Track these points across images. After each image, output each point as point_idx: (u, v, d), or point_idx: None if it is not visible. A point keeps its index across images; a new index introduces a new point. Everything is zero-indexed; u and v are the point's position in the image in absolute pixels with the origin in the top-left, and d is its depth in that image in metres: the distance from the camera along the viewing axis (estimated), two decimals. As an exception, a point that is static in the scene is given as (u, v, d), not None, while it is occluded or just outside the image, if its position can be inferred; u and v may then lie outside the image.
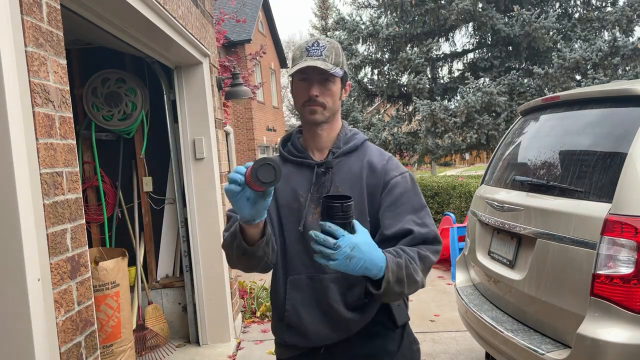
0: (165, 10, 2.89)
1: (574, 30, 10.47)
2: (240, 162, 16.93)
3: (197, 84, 3.94)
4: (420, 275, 1.37)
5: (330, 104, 1.48)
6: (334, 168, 1.50)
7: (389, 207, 1.45)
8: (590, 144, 2.36)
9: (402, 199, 1.45)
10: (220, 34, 6.97)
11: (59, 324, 1.57)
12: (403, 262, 1.32)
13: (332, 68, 1.44)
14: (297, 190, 1.49)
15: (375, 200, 1.47)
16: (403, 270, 1.31)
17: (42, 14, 1.62)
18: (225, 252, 1.47)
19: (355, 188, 1.46)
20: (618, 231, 1.95)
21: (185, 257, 4.07)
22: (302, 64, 1.43)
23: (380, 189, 1.47)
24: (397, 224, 1.42)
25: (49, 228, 1.56)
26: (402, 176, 1.49)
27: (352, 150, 1.53)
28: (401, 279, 1.30)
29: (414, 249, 1.39)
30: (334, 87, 1.48)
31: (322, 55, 1.45)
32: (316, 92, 1.45)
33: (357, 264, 1.22)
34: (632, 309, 1.90)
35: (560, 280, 2.21)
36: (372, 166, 1.49)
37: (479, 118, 9.83)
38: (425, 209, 1.48)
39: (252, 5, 18.34)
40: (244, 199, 1.25)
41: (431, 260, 1.42)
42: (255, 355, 3.96)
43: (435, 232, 1.45)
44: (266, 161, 1.19)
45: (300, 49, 1.48)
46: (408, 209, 1.44)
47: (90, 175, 4.14)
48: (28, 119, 1.50)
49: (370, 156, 1.52)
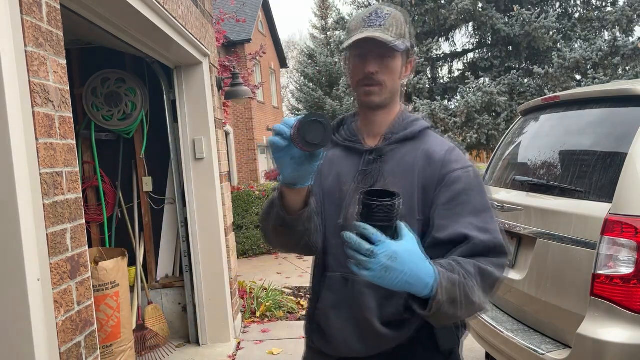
0: (165, 10, 2.89)
1: (574, 30, 10.47)
2: (240, 162, 16.93)
3: (197, 84, 3.94)
4: (478, 296, 1.12)
5: (389, 83, 1.28)
6: (385, 156, 1.30)
7: (444, 205, 1.22)
8: (591, 144, 2.36)
9: (461, 196, 1.22)
10: (220, 33, 6.97)
11: (58, 324, 1.57)
12: (457, 279, 1.08)
13: (393, 40, 1.22)
14: (342, 177, 1.32)
15: (428, 197, 1.24)
16: (457, 288, 1.08)
17: (42, 14, 1.61)
18: (262, 225, 1.32)
19: (407, 180, 1.26)
20: (618, 231, 1.94)
21: (185, 257, 4.07)
22: (359, 36, 1.23)
23: (435, 183, 1.24)
24: (453, 227, 1.19)
25: (48, 228, 1.56)
26: (465, 170, 1.25)
27: (408, 138, 1.32)
28: (454, 299, 1.07)
29: (472, 262, 1.14)
30: (395, 63, 1.27)
31: (382, 26, 1.24)
32: (373, 69, 1.25)
33: (396, 278, 1.00)
34: (632, 309, 1.90)
35: (561, 280, 2.21)
36: (429, 156, 1.27)
37: (479, 118, 9.83)
38: (490, 211, 1.23)
39: (252, 5, 18.33)
40: (288, 157, 1.09)
41: (494, 277, 1.17)
42: (255, 355, 3.96)
43: (500, 240, 1.20)
44: (317, 118, 1.01)
45: (357, 19, 1.28)
46: (468, 210, 1.20)
47: (90, 175, 4.14)
48: (28, 119, 1.50)
49: (429, 145, 1.30)
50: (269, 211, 1.24)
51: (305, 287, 5.99)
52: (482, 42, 11.60)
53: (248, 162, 17.15)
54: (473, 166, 1.28)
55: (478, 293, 1.12)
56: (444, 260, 1.13)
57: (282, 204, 1.19)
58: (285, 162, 1.10)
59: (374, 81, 1.26)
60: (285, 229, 1.22)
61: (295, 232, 1.22)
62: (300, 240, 1.25)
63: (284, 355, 3.92)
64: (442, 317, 1.08)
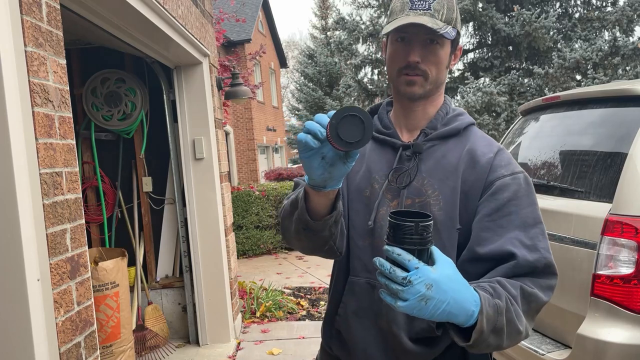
0: (164, 10, 2.89)
1: (574, 30, 10.48)
2: (240, 162, 16.93)
3: (196, 84, 3.94)
4: (524, 322, 1.01)
5: (434, 74, 1.14)
6: (423, 153, 1.16)
7: (488, 216, 1.08)
8: (591, 144, 2.36)
9: (508, 207, 1.08)
10: (220, 33, 6.97)
11: (58, 324, 1.57)
12: (503, 306, 0.96)
13: (443, 27, 1.09)
14: (373, 173, 1.19)
15: (471, 204, 1.11)
16: (503, 316, 0.96)
17: (42, 14, 1.61)
18: (282, 225, 1.18)
19: (448, 183, 1.12)
20: (618, 231, 1.94)
21: (185, 257, 4.06)
22: (403, 20, 1.09)
23: (480, 189, 1.11)
24: (496, 241, 1.06)
25: (48, 228, 1.55)
26: (514, 177, 1.11)
27: (451, 134, 1.18)
28: (500, 328, 0.95)
29: (517, 284, 1.02)
30: (442, 52, 1.13)
31: (430, 9, 1.10)
32: (417, 57, 1.11)
33: (437, 308, 0.88)
34: (633, 309, 1.90)
35: (561, 280, 2.20)
36: (474, 157, 1.14)
37: (479, 118, 9.83)
38: (540, 226, 1.09)
39: (251, 5, 18.34)
40: (318, 157, 0.95)
41: (541, 300, 1.04)
42: (255, 355, 3.96)
43: (549, 259, 1.07)
44: (355, 112, 0.88)
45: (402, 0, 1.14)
46: (515, 223, 1.07)
47: (90, 175, 4.14)
48: (28, 118, 1.50)
49: (474, 144, 1.16)
50: (292, 211, 1.11)
51: (305, 287, 5.99)
52: (482, 42, 11.60)
53: (248, 162, 17.15)
54: (524, 172, 1.14)
55: (523, 319, 1.01)
56: (487, 282, 1.02)
57: (306, 206, 1.06)
58: (315, 163, 0.96)
59: (417, 70, 1.13)
60: (309, 233, 1.08)
61: (319, 236, 1.09)
62: (324, 245, 1.11)
63: (284, 355, 3.92)
64: (483, 347, 0.96)
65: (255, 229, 8.06)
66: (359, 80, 12.11)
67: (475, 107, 9.64)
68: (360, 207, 1.18)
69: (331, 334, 1.24)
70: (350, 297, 1.19)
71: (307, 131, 0.94)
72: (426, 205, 1.11)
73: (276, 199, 8.12)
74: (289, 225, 1.13)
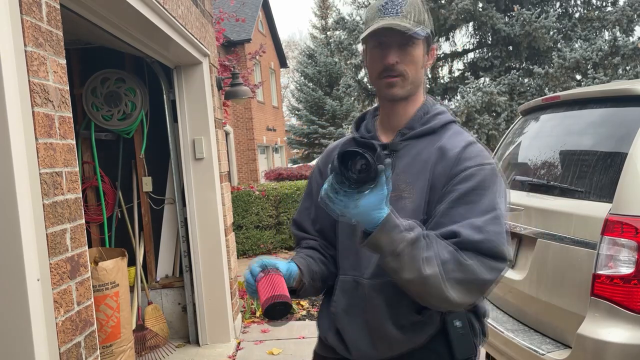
0: (164, 9, 2.89)
1: (574, 30, 10.48)
2: (240, 162, 16.93)
3: (196, 84, 3.94)
4: (434, 272, 1.06)
5: (411, 73, 1.22)
6: (399, 152, 1.24)
7: (448, 204, 1.15)
8: (591, 144, 2.36)
9: (469, 196, 1.13)
10: (220, 33, 6.97)
11: (58, 324, 1.57)
12: (411, 238, 1.07)
13: (413, 27, 1.16)
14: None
15: (434, 195, 1.18)
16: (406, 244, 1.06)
17: (42, 14, 1.61)
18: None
19: (420, 177, 1.20)
20: (618, 231, 1.94)
21: (185, 257, 4.06)
22: (374, 25, 1.17)
23: (444, 180, 1.18)
24: (448, 225, 1.12)
25: (48, 228, 1.55)
26: (480, 168, 1.16)
27: (427, 133, 1.25)
28: (398, 252, 1.06)
29: (451, 249, 1.09)
30: (416, 52, 1.21)
31: (399, 13, 1.18)
32: (394, 59, 1.19)
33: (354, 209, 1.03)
34: (633, 309, 1.90)
35: (561, 280, 2.21)
36: (443, 152, 1.20)
37: (479, 118, 9.84)
38: (496, 212, 1.13)
39: (251, 4, 18.33)
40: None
41: (479, 276, 1.07)
42: (255, 355, 3.96)
43: (497, 242, 1.10)
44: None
45: (373, 9, 1.22)
46: (473, 211, 1.12)
47: (90, 175, 4.14)
48: (27, 118, 1.50)
49: (447, 140, 1.23)
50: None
51: (305, 287, 5.99)
52: (482, 42, 11.60)
53: (248, 162, 17.16)
54: (493, 164, 1.19)
55: (434, 267, 1.06)
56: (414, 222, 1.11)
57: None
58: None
59: (395, 71, 1.20)
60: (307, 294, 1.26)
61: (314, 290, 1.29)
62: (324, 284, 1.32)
63: (284, 355, 3.91)
64: (385, 263, 1.08)
65: (255, 228, 8.06)
66: (359, 80, 12.11)
67: (475, 107, 9.64)
68: None
69: (328, 326, 1.33)
70: (340, 295, 1.28)
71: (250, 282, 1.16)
72: (400, 199, 1.18)
73: (276, 198, 8.12)
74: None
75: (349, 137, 1.40)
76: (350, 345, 1.27)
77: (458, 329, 1.21)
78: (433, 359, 1.22)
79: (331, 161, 1.05)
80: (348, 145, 1.34)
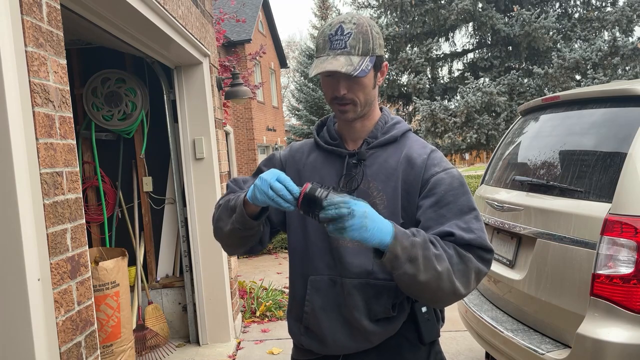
0: (165, 10, 2.89)
1: (573, 30, 10.49)
2: (240, 162, 16.92)
3: (197, 84, 3.94)
4: (446, 267, 1.17)
5: (362, 99, 1.30)
6: (367, 160, 1.34)
7: (430, 208, 1.26)
8: (590, 144, 2.36)
9: (446, 197, 1.26)
10: (220, 33, 6.97)
11: (59, 324, 1.57)
12: (420, 242, 1.16)
13: (357, 66, 1.23)
14: (325, 181, 1.34)
15: (412, 199, 1.30)
16: (417, 249, 1.15)
17: (42, 14, 1.62)
18: (216, 224, 1.39)
19: (390, 184, 1.30)
20: (618, 231, 1.95)
21: (185, 257, 4.07)
22: (321, 67, 1.24)
23: (419, 185, 1.29)
24: (438, 228, 1.24)
25: (49, 228, 1.56)
26: (447, 172, 1.30)
27: (389, 141, 1.36)
28: (414, 257, 1.14)
29: (451, 245, 1.21)
30: (365, 80, 1.28)
31: (346, 48, 1.24)
32: (343, 91, 1.27)
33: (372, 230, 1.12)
34: (632, 308, 1.90)
35: (560, 280, 2.21)
36: (410, 160, 1.32)
37: (479, 118, 9.85)
38: (474, 212, 1.27)
39: (252, 5, 18.33)
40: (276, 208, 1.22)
41: (476, 265, 1.22)
42: (255, 355, 3.96)
43: (483, 238, 1.24)
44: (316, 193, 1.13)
45: (323, 36, 1.28)
46: (453, 210, 1.25)
47: (90, 175, 4.14)
48: (28, 118, 1.50)
49: (410, 149, 1.34)
50: (229, 214, 1.32)
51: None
52: (482, 42, 11.61)
53: (248, 162, 17.15)
54: (455, 168, 1.34)
55: (446, 264, 1.17)
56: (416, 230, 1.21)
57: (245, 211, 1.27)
58: (269, 206, 1.23)
59: (345, 101, 1.29)
60: (244, 230, 1.29)
61: (251, 234, 1.32)
62: (251, 241, 1.35)
63: (284, 355, 3.92)
64: (401, 271, 1.14)
65: (255, 229, 8.05)
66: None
67: (475, 107, 9.65)
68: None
69: (300, 331, 1.41)
70: (314, 295, 1.35)
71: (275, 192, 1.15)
72: (372, 205, 1.21)
73: (276, 199, 8.10)
74: (224, 225, 1.34)
75: (311, 142, 1.46)
76: (329, 341, 1.34)
77: (424, 314, 1.34)
78: (405, 344, 1.35)
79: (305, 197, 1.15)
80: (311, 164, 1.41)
